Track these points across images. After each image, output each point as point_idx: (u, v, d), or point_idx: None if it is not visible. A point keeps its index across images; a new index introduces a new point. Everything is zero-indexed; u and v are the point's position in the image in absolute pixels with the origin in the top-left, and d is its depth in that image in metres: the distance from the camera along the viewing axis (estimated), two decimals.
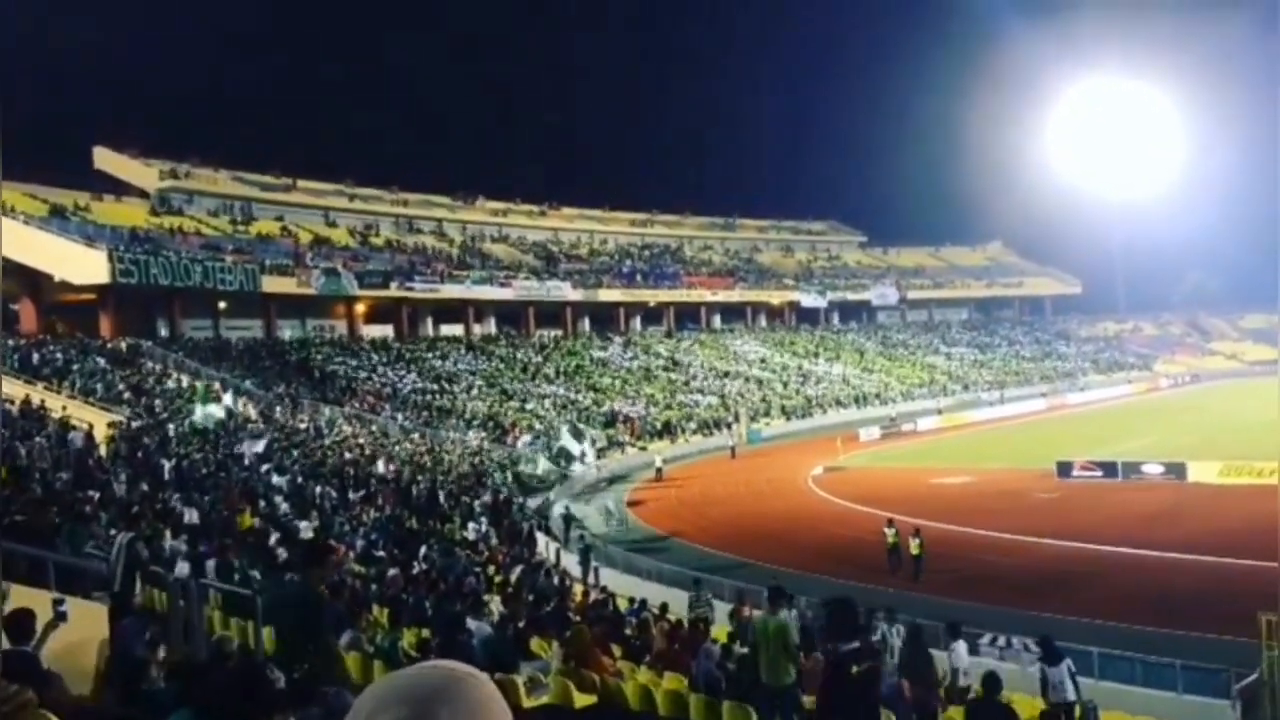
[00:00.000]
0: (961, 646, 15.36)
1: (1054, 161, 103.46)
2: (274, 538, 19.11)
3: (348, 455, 33.79)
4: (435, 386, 54.31)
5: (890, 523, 26.74)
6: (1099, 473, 38.69)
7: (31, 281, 46.33)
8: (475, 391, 55.44)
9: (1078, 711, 13.11)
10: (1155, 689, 15.66)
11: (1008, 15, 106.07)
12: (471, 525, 27.78)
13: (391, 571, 18.09)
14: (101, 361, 40.07)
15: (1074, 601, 21.34)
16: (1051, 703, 12.94)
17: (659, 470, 46.11)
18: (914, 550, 25.14)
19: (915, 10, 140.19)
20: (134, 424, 30.35)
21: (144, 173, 62.98)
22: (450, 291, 66.06)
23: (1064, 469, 39.30)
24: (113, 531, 13.73)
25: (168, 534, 16.31)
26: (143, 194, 61.55)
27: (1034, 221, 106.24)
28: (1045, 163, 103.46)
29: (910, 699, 11.69)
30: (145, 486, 21.28)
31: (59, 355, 39.12)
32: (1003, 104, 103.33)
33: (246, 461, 28.08)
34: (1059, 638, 16.66)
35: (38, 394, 30.70)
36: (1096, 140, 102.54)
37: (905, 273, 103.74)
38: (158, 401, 35.33)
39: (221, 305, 54.62)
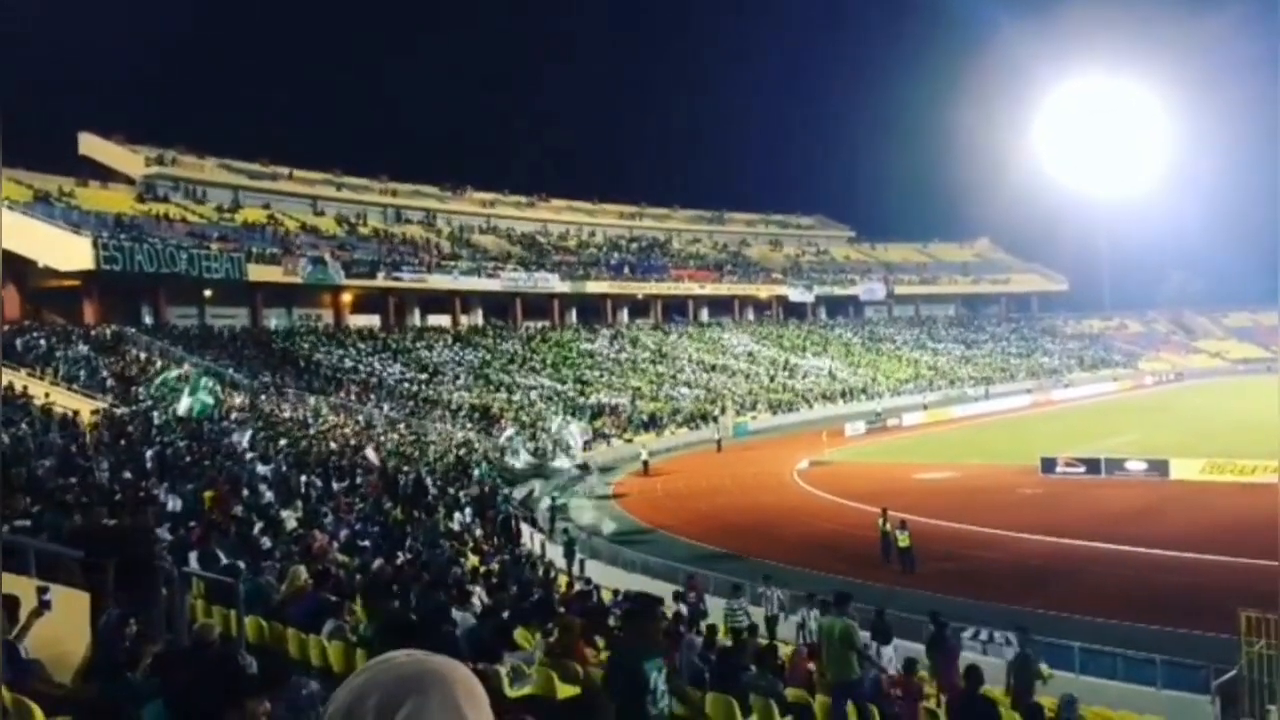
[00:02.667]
0: (888, 650, 15.85)
1: (1041, 159, 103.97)
2: (258, 526, 19.04)
3: (333, 445, 33.69)
4: (422, 376, 54.21)
5: (884, 512, 26.96)
6: (1082, 469, 38.88)
7: (15, 267, 46.01)
8: (461, 382, 55.37)
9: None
10: (1135, 684, 15.77)
11: (997, 14, 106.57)
12: (457, 516, 27.76)
13: (376, 562, 18.05)
14: (85, 348, 39.85)
15: (1056, 596, 21.46)
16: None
17: (645, 463, 46.10)
18: (902, 543, 25.28)
19: (905, 7, 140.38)
20: (117, 411, 30.20)
21: (130, 159, 62.58)
22: (437, 282, 65.91)
23: (1048, 465, 39.48)
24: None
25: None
26: (129, 180, 61.16)
27: (1021, 219, 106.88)
28: (1033, 160, 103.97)
29: (898, 696, 11.81)
30: (128, 474, 21.18)
31: (42, 342, 38.90)
32: (991, 101, 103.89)
33: (238, 449, 27.96)
34: (1040, 632, 16.82)
35: (20, 380, 30.53)
36: (1084, 138, 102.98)
37: (893, 268, 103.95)
38: (141, 389, 35.17)
39: (207, 293, 54.35)
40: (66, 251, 45.52)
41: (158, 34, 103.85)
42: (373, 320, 63.67)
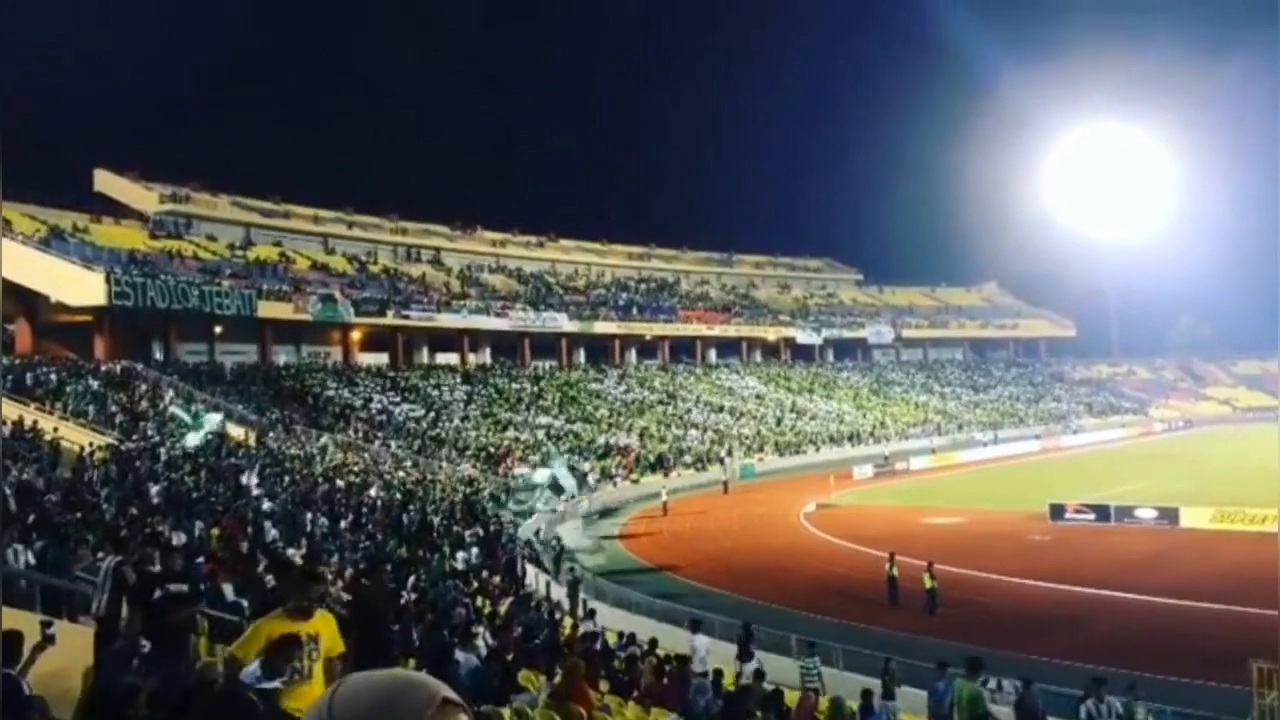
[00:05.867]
0: (701, 639, 18.19)
1: (1050, 204, 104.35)
2: (262, 564, 18.97)
3: (340, 482, 33.65)
4: (429, 415, 54.21)
5: (891, 557, 26.88)
6: (1092, 516, 38.61)
7: (27, 302, 46.30)
8: (469, 421, 55.35)
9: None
10: None
11: (1005, 59, 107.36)
12: (461, 555, 27.63)
13: None
14: (95, 383, 39.95)
15: (1065, 644, 21.24)
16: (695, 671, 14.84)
17: (665, 504, 45.56)
18: (927, 585, 25.16)
19: (914, 52, 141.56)
20: (125, 446, 30.23)
21: (144, 196, 63.10)
22: (446, 320, 66.11)
23: (1057, 511, 39.22)
24: (100, 555, 13.65)
25: (156, 558, 16.17)
26: (142, 217, 61.66)
27: (1029, 263, 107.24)
28: (1041, 205, 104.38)
29: None
30: (135, 510, 21.15)
31: (53, 376, 39.02)
32: (999, 146, 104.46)
33: (245, 486, 27.91)
34: (1048, 680, 16.61)
35: (30, 415, 30.62)
36: (1092, 184, 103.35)
37: (901, 311, 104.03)
38: (150, 425, 35.20)
39: (217, 329, 54.60)
40: (79, 287, 45.79)
41: (173, 73, 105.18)
42: (381, 358, 63.82)
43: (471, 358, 69.45)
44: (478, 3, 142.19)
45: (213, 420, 35.40)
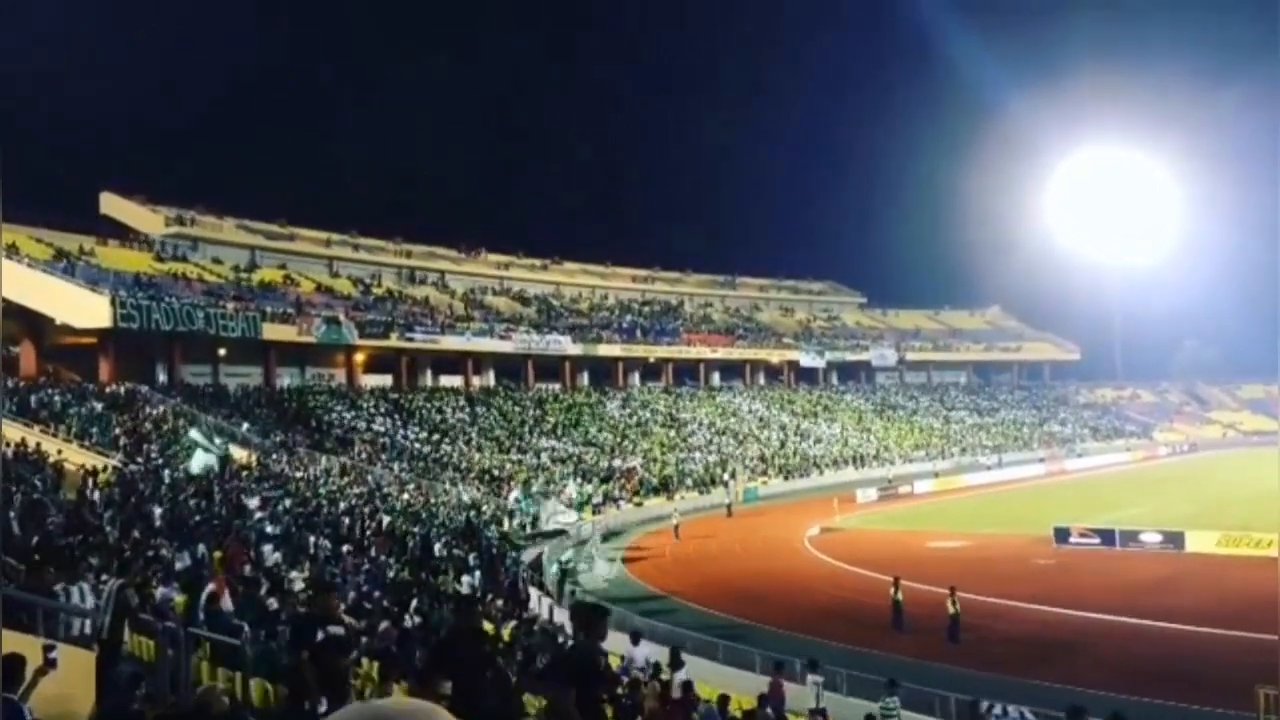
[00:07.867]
0: (640, 650, 18.09)
1: (1053, 228, 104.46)
2: (264, 588, 18.93)
3: (342, 505, 33.60)
4: (433, 438, 54.16)
5: (896, 581, 26.88)
6: (1097, 540, 38.50)
7: (33, 324, 46.39)
8: (472, 443, 55.29)
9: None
10: None
11: (1010, 82, 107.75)
12: (465, 578, 27.56)
13: (383, 624, 17.90)
14: (99, 406, 39.99)
15: (1070, 670, 21.14)
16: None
17: (677, 527, 45.13)
18: (951, 610, 25.04)
19: (918, 75, 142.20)
20: (128, 468, 30.24)
21: (149, 218, 63.29)
22: (450, 343, 66.13)
23: (1062, 535, 39.11)
24: (103, 577, 13.65)
25: (157, 581, 16.16)
26: (147, 240, 61.82)
27: (1033, 287, 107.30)
28: (1045, 229, 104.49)
29: None
30: (137, 533, 21.15)
31: (57, 399, 39.07)
32: (1003, 170, 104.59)
33: (247, 509, 27.89)
34: (1055, 706, 16.51)
35: (34, 437, 30.67)
36: (1096, 208, 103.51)
37: (904, 334, 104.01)
38: (153, 447, 35.21)
39: (221, 352, 54.61)
40: (84, 309, 45.85)
41: (179, 96, 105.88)
42: (385, 380, 63.77)
43: (475, 380, 69.41)
44: (484, 25, 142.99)
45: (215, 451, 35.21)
